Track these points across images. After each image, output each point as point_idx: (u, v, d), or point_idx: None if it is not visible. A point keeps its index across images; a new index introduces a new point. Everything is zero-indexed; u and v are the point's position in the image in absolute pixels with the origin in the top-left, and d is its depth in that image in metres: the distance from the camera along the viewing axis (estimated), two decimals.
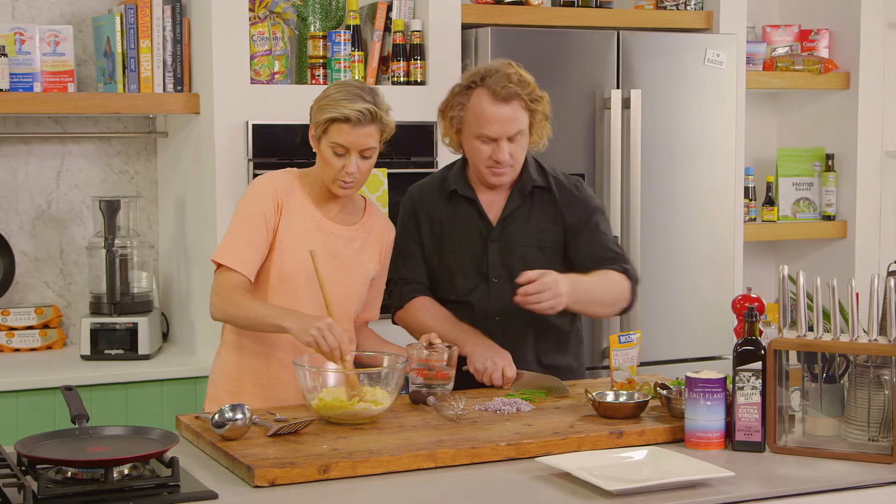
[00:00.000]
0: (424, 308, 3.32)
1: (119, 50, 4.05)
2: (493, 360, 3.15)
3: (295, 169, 3.18)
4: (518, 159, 3.22)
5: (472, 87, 3.20)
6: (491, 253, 3.28)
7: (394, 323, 3.41)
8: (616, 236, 3.35)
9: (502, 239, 3.28)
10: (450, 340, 3.19)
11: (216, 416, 2.64)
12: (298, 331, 2.87)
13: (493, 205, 3.30)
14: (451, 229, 3.32)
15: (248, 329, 3.05)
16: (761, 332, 2.73)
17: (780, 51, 5.11)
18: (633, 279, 3.27)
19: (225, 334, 3.19)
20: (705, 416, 2.67)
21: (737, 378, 2.67)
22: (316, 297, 3.05)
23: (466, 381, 3.17)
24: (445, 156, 4.16)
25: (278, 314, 2.95)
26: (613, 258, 3.27)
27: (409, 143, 4.16)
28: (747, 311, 2.70)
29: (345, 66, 4.10)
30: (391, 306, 3.38)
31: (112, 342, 4.03)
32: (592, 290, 3.18)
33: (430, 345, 3.09)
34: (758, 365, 2.66)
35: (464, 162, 3.34)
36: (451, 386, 3.09)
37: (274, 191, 3.07)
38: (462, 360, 3.18)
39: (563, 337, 3.32)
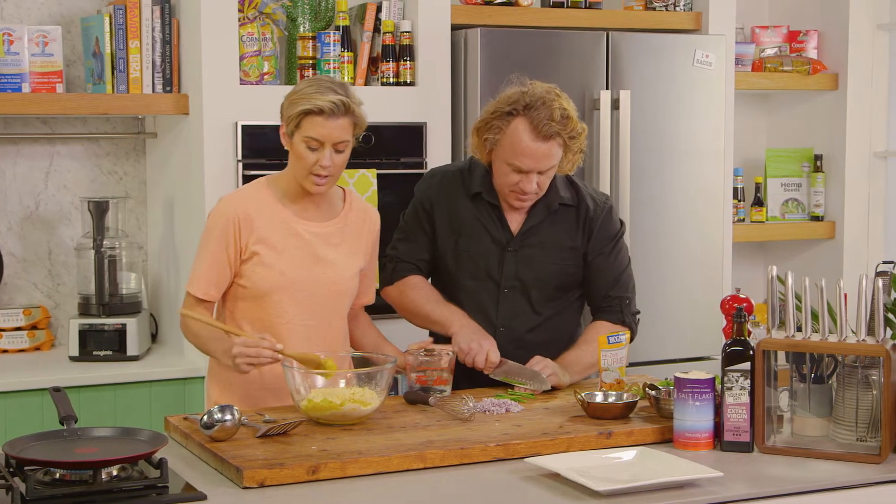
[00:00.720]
0: (415, 287, 3.31)
1: (108, 50, 4.04)
2: (479, 342, 3.14)
3: (263, 178, 3.17)
4: (544, 188, 3.19)
5: (513, 114, 3.12)
6: (506, 263, 3.26)
7: (379, 296, 3.40)
8: (629, 263, 3.35)
9: (520, 251, 3.26)
10: (437, 319, 3.20)
11: (205, 417, 2.64)
12: (225, 361, 2.94)
13: (515, 215, 3.27)
14: (470, 230, 3.28)
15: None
16: (750, 333, 2.73)
17: (769, 52, 5.12)
18: (633, 328, 3.29)
19: None
20: (694, 417, 2.67)
21: (725, 378, 2.67)
22: (303, 306, 3.04)
23: (464, 382, 3.18)
24: (435, 157, 4.17)
25: (220, 350, 2.98)
26: (622, 302, 3.28)
27: (399, 143, 4.16)
28: (736, 312, 2.70)
29: (334, 67, 4.10)
30: (381, 280, 3.39)
31: (101, 343, 4.02)
32: (587, 361, 3.20)
33: (429, 351, 3.09)
34: (746, 365, 2.67)
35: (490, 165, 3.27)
36: (448, 392, 3.09)
37: (233, 213, 3.06)
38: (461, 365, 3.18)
39: (563, 349, 3.29)
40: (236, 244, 3.05)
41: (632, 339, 3.25)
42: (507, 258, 3.26)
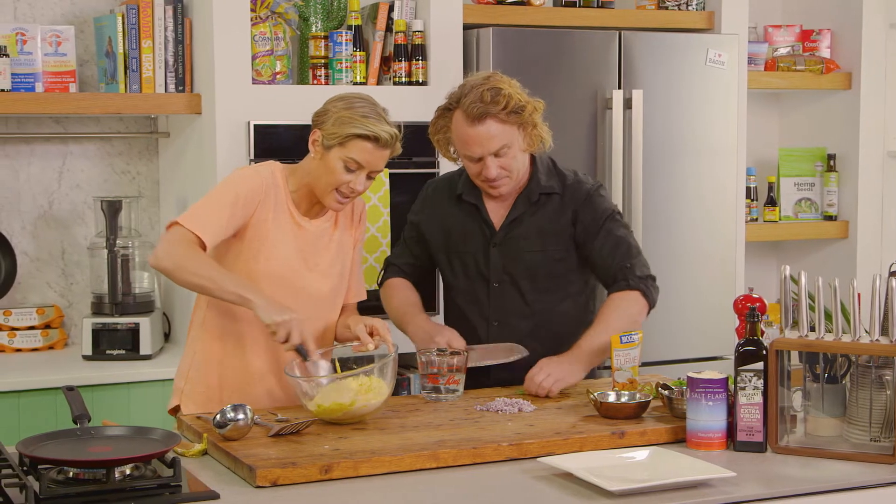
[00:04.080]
0: (394, 287, 3.41)
1: (121, 50, 4.05)
2: (434, 339, 3.15)
3: (278, 164, 3.14)
4: (513, 169, 3.20)
5: (450, 108, 3.21)
6: (493, 258, 3.28)
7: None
8: (631, 237, 3.31)
9: (504, 244, 3.27)
10: (396, 321, 3.30)
11: (218, 417, 2.65)
12: (263, 309, 2.84)
13: (498, 210, 3.30)
14: (457, 232, 3.33)
15: (193, 288, 2.94)
16: (763, 333, 2.73)
17: (782, 51, 5.11)
18: (645, 289, 3.23)
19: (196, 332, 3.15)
20: (707, 417, 2.67)
21: (738, 378, 2.67)
22: (294, 298, 3.02)
23: (468, 382, 3.18)
24: None
25: (244, 286, 2.89)
26: (625, 269, 3.23)
27: (411, 143, 4.12)
28: (749, 312, 2.70)
29: (346, 67, 4.11)
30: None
31: (114, 342, 4.03)
32: (602, 341, 3.12)
33: (440, 351, 3.10)
34: (759, 365, 2.66)
35: None
36: (460, 391, 3.08)
37: (259, 183, 3.01)
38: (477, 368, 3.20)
39: (564, 343, 3.28)
40: (249, 212, 2.99)
41: (652, 306, 3.23)
42: (493, 253, 3.28)
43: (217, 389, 3.07)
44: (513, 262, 3.27)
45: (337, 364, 2.97)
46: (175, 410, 3.12)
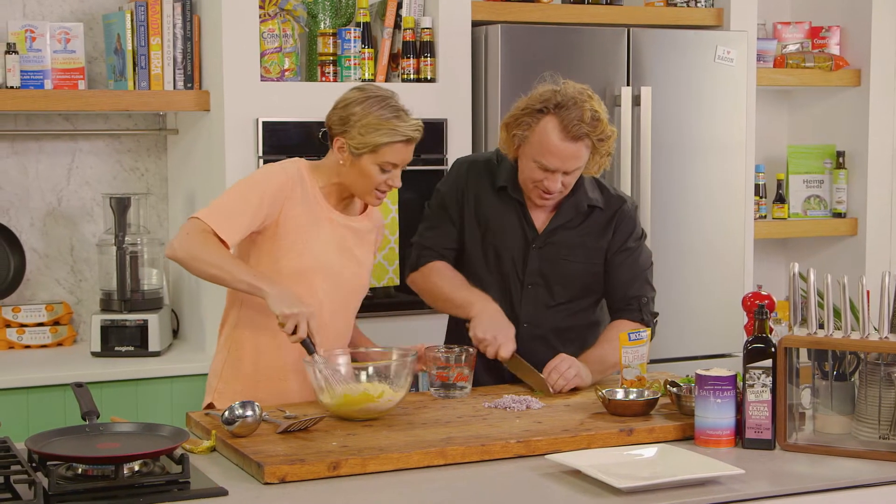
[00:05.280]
0: (439, 271, 3.30)
1: (129, 47, 4.05)
2: (494, 333, 3.11)
3: (303, 160, 3.13)
4: (569, 187, 3.19)
5: (544, 112, 3.11)
6: (531, 259, 3.26)
7: (404, 284, 3.40)
8: (649, 268, 3.33)
9: (545, 249, 3.25)
10: (459, 302, 3.20)
11: (226, 413, 2.65)
12: (275, 300, 2.83)
13: (540, 213, 3.27)
14: (496, 224, 3.28)
15: (207, 278, 2.92)
16: (772, 330, 2.72)
17: (791, 48, 5.10)
18: (653, 327, 3.26)
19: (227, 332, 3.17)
20: (715, 414, 2.66)
21: (747, 376, 2.67)
22: (332, 290, 3.04)
23: (485, 375, 3.18)
24: (455, 153, 4.17)
25: (258, 275, 2.90)
26: (640, 301, 3.26)
27: (420, 140, 4.15)
28: (757, 309, 2.69)
29: (355, 64, 4.11)
30: (406, 267, 3.39)
31: (122, 339, 4.04)
32: (611, 360, 3.14)
33: (449, 347, 3.09)
34: (768, 362, 2.66)
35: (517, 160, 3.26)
36: (468, 389, 3.08)
37: (285, 180, 3.01)
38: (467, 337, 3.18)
39: (586, 348, 3.27)
40: (276, 211, 2.99)
41: (651, 339, 3.24)
42: (532, 255, 3.25)
43: (252, 386, 3.07)
44: (550, 267, 3.26)
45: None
46: (209, 408, 3.12)
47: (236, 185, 3.05)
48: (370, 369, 2.86)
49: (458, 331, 3.28)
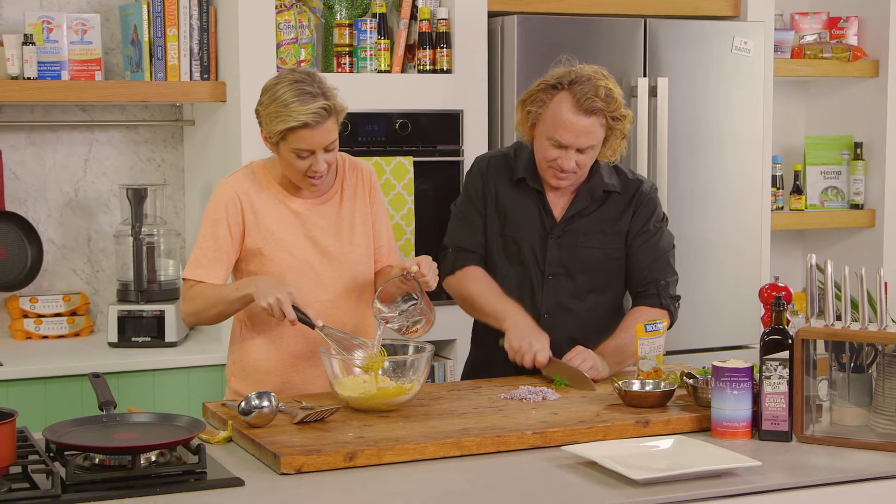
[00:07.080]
0: (474, 277, 3.28)
1: (146, 38, 4.06)
2: (529, 341, 3.11)
3: (257, 161, 3.15)
4: (584, 167, 3.18)
5: (557, 87, 3.12)
6: (550, 249, 3.25)
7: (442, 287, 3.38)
8: (671, 251, 3.33)
9: (564, 237, 3.25)
10: (491, 312, 3.19)
11: (242, 404, 2.66)
12: (258, 297, 2.87)
13: (558, 201, 3.26)
14: (514, 216, 3.27)
15: (223, 317, 3.04)
16: (788, 322, 2.71)
17: (809, 38, 5.08)
18: (672, 310, 3.26)
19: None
20: (732, 406, 2.66)
21: (764, 367, 2.66)
22: (311, 285, 3.04)
23: (511, 372, 3.17)
24: (472, 144, 4.17)
25: (239, 286, 2.96)
26: (659, 285, 3.25)
27: (436, 131, 4.15)
28: (774, 301, 2.68)
29: (371, 55, 4.10)
30: (441, 272, 3.36)
31: (139, 329, 4.05)
32: (629, 350, 3.14)
33: (396, 312, 3.01)
34: (785, 354, 2.65)
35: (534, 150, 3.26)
36: (431, 323, 3.02)
37: (234, 194, 3.04)
38: (494, 333, 3.18)
39: (607, 337, 3.26)
40: (241, 224, 3.04)
41: (671, 325, 3.23)
42: (551, 244, 3.25)
43: (266, 380, 3.08)
44: (570, 256, 3.25)
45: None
46: None
47: (201, 227, 3.08)
48: (387, 364, 2.86)
49: (482, 330, 3.30)
